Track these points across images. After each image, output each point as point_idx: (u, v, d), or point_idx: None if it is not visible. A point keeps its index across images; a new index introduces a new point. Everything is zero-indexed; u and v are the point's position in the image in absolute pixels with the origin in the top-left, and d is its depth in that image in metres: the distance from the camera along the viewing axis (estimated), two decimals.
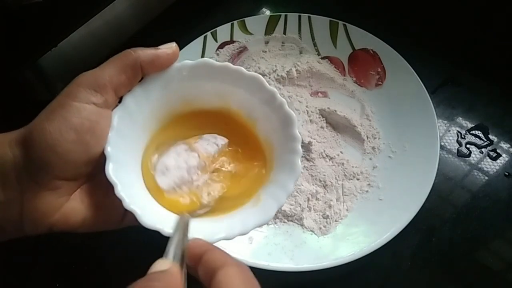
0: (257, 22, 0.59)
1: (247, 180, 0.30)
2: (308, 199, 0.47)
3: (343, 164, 0.50)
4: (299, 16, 0.59)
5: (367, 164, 0.50)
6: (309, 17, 0.58)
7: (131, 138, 0.29)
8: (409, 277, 0.45)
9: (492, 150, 0.52)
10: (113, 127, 0.27)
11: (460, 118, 0.55)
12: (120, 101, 0.28)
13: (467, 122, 0.55)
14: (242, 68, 0.30)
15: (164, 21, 0.64)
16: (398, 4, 0.64)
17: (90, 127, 0.26)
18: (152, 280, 0.21)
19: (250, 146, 0.31)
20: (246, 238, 0.45)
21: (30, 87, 0.55)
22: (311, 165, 0.49)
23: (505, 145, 0.53)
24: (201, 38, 0.57)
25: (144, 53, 0.27)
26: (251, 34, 0.59)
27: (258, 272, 0.24)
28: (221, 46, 0.58)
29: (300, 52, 0.59)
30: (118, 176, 0.26)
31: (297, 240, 0.45)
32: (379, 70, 0.55)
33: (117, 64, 0.27)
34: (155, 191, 0.29)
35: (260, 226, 0.27)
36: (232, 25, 0.58)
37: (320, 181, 0.48)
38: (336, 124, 0.53)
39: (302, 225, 0.46)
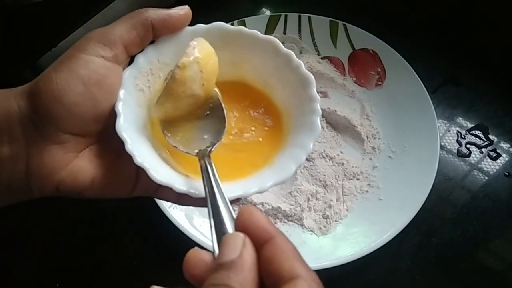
0: (257, 22, 0.59)
1: (263, 147, 0.30)
2: (308, 199, 0.47)
3: (343, 164, 0.50)
4: (299, 16, 0.59)
5: (367, 164, 0.50)
6: (309, 17, 0.58)
7: (142, 97, 0.28)
8: (409, 277, 0.45)
9: (492, 150, 0.52)
10: (124, 84, 0.27)
11: (460, 118, 0.55)
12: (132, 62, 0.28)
13: (467, 122, 0.55)
14: (257, 32, 0.29)
15: None
16: (398, 4, 0.64)
17: (98, 80, 0.25)
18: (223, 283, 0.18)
19: (267, 114, 0.31)
20: None
21: None
22: (311, 165, 0.49)
23: (505, 145, 0.53)
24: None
25: (156, 12, 0.27)
26: None
27: None
28: None
29: (300, 52, 0.59)
30: (129, 133, 0.26)
31: (297, 240, 0.45)
32: (379, 70, 0.55)
33: (127, 21, 0.27)
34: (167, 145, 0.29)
35: (279, 183, 0.26)
36: (232, 25, 0.58)
37: (320, 181, 0.48)
38: (336, 124, 0.53)
39: (302, 225, 0.46)
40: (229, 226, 0.21)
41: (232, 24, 0.57)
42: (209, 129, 0.28)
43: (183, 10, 0.28)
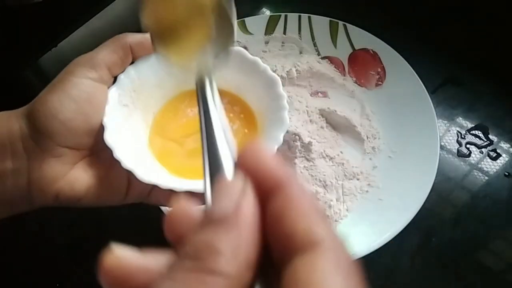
0: (257, 22, 0.59)
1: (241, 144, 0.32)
2: None
3: (343, 164, 0.50)
4: (299, 16, 0.59)
5: (367, 164, 0.50)
6: (309, 17, 0.58)
7: (127, 112, 0.31)
8: (409, 277, 0.45)
9: (492, 150, 0.52)
10: (110, 101, 0.30)
11: (460, 118, 0.55)
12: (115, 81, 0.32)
13: (467, 122, 0.55)
14: None
15: None
16: (398, 4, 0.64)
17: (88, 98, 0.29)
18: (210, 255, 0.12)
19: (243, 115, 0.34)
20: None
21: (30, 87, 0.55)
22: (311, 165, 0.49)
23: (505, 145, 0.53)
24: None
25: (133, 36, 0.31)
26: (251, 34, 0.59)
27: None
28: None
29: (300, 52, 0.59)
30: (116, 141, 0.28)
31: None
32: (379, 70, 0.55)
33: (109, 46, 0.30)
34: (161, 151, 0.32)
35: None
36: None
37: (320, 181, 0.48)
38: (336, 124, 0.53)
39: None
40: (230, 170, 0.15)
41: None
42: (213, 38, 0.24)
43: None
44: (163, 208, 0.44)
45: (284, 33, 0.59)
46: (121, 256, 0.14)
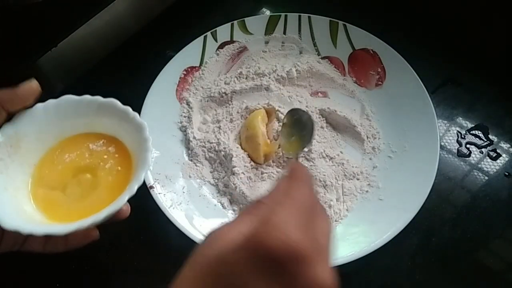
0: (257, 22, 0.59)
1: (118, 185, 0.36)
2: None
3: (343, 164, 0.50)
4: (299, 16, 0.59)
5: (367, 164, 0.50)
6: (309, 17, 0.58)
7: (3, 165, 0.34)
8: (409, 277, 0.45)
9: (492, 150, 0.52)
10: None
11: (460, 118, 0.55)
12: None
13: (467, 122, 0.55)
14: (99, 97, 0.37)
15: (164, 21, 0.64)
16: (399, 4, 0.64)
17: None
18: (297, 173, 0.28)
19: (117, 155, 0.38)
20: None
21: None
22: (311, 165, 0.49)
23: (505, 145, 0.53)
24: (201, 38, 0.57)
25: (3, 92, 0.31)
26: (251, 34, 0.59)
27: None
28: (221, 46, 0.58)
29: (300, 52, 0.59)
30: None
31: None
32: (379, 70, 0.55)
33: None
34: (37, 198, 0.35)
35: (112, 212, 0.32)
36: (232, 25, 0.58)
37: (320, 181, 0.48)
38: (336, 124, 0.53)
39: None
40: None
41: (232, 25, 0.58)
42: (304, 142, 0.46)
43: (30, 85, 0.32)
44: (164, 210, 0.44)
45: (284, 33, 0.59)
46: None
